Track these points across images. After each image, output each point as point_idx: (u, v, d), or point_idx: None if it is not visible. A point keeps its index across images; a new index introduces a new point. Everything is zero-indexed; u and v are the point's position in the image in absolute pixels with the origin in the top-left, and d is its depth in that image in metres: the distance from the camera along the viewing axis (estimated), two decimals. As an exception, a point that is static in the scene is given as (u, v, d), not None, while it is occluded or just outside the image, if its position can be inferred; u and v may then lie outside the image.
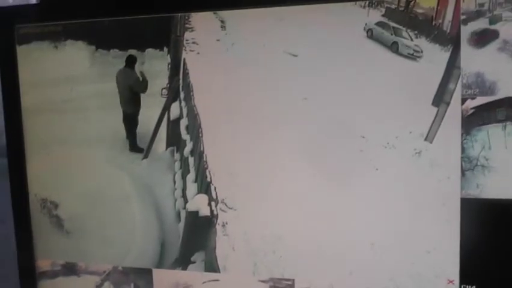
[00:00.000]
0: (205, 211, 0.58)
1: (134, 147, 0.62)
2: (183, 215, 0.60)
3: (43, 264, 0.67)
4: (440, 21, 0.50)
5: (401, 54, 0.52)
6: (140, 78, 0.60)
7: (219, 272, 0.58)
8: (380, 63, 0.52)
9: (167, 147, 0.61)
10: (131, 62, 0.60)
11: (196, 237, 0.59)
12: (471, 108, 0.50)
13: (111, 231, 0.63)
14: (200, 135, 0.58)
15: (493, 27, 0.48)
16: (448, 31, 0.50)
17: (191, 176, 0.60)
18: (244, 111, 0.56)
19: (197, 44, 0.58)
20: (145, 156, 0.62)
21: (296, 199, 0.55)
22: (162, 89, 0.60)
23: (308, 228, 0.55)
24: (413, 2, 0.51)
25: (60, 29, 0.62)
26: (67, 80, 0.63)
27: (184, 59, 0.58)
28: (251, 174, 0.56)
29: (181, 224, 0.60)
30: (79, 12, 0.61)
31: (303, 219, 0.55)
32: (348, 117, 0.53)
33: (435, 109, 0.50)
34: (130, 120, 0.61)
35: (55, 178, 0.65)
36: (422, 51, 0.51)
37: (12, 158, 0.66)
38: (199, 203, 0.58)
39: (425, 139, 0.51)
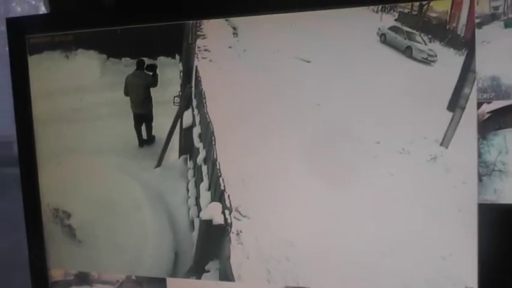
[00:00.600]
0: (219, 219, 0.58)
1: (150, 140, 0.61)
2: (197, 223, 0.59)
3: (56, 273, 0.66)
4: (454, 24, 0.50)
5: (415, 59, 0.51)
6: (151, 73, 0.60)
7: (234, 280, 0.58)
8: (393, 68, 0.52)
9: (180, 155, 0.61)
10: (142, 65, 0.60)
11: (210, 246, 0.59)
12: (487, 113, 0.49)
13: (124, 240, 0.63)
14: (213, 143, 0.58)
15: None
16: (462, 35, 0.49)
17: (204, 184, 0.59)
18: (257, 118, 0.56)
19: (209, 51, 0.57)
20: (158, 165, 0.61)
21: (310, 206, 0.55)
22: (174, 97, 0.59)
23: (322, 235, 0.55)
24: (426, 6, 0.50)
25: (71, 38, 0.62)
26: (78, 89, 0.63)
27: (196, 67, 0.58)
28: (265, 181, 0.56)
29: (195, 233, 0.60)
30: (90, 22, 0.61)
31: (317, 226, 0.55)
32: (361, 123, 0.53)
33: (450, 114, 0.50)
34: (144, 119, 0.61)
35: (67, 187, 0.65)
36: (436, 56, 0.50)
37: (24, 168, 0.66)
38: (212, 212, 0.58)
39: (441, 144, 0.51)
